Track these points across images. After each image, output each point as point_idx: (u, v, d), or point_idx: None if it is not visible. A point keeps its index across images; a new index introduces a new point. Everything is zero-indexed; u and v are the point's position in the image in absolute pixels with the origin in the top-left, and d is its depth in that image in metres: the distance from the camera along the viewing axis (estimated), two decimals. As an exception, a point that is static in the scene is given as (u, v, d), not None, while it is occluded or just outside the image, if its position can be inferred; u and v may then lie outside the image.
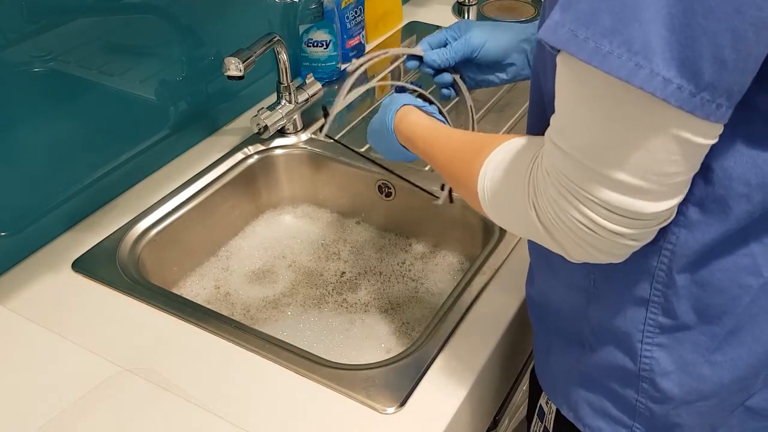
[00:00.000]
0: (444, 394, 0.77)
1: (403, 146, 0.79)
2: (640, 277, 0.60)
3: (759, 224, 0.56)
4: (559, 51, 0.48)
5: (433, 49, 0.86)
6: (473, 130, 0.88)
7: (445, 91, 0.89)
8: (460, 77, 0.87)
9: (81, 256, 0.97)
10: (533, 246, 0.71)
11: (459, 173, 0.66)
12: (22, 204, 0.94)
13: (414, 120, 0.77)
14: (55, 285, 0.93)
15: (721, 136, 0.49)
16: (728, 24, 0.43)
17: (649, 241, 0.54)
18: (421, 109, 0.78)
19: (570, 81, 0.49)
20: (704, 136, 0.47)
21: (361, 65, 0.89)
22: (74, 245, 0.98)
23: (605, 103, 0.47)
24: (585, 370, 0.68)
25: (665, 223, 0.53)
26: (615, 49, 0.44)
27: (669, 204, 0.50)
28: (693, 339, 0.60)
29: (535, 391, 0.83)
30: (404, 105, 0.79)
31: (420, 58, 0.87)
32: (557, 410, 0.75)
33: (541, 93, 0.62)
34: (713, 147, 0.49)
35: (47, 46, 0.91)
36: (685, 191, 0.51)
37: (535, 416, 0.83)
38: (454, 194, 0.95)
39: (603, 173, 0.49)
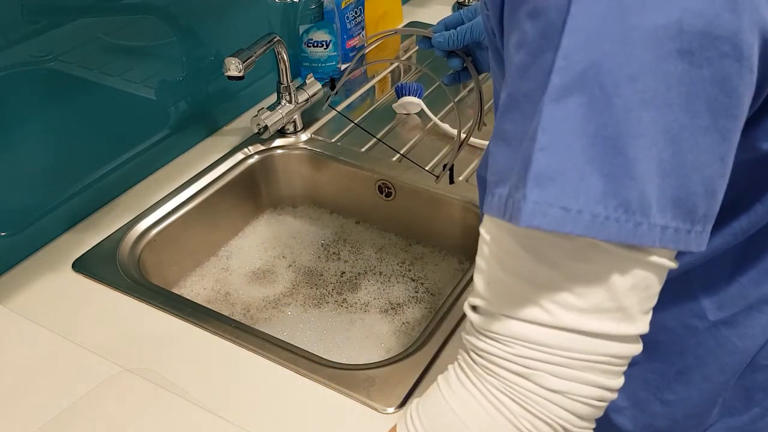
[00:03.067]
0: (444, 394, 0.77)
1: None
2: None
3: (702, 270, 0.56)
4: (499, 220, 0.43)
5: (447, 29, 0.84)
6: (480, 115, 0.87)
7: (446, 79, 0.87)
8: (472, 61, 0.84)
9: (81, 256, 0.97)
10: None
11: None
12: (22, 204, 0.94)
13: None
14: (55, 285, 0.93)
15: None
16: (716, 153, 0.41)
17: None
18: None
19: (516, 248, 0.44)
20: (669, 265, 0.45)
21: (375, 39, 0.89)
22: (74, 245, 0.98)
23: (564, 260, 0.43)
24: None
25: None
26: (612, 213, 0.40)
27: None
28: (643, 376, 0.61)
29: None
30: None
31: (429, 40, 0.85)
32: None
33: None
34: None
35: (47, 46, 0.91)
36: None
37: None
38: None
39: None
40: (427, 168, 1.08)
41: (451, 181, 0.94)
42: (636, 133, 0.39)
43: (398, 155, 1.15)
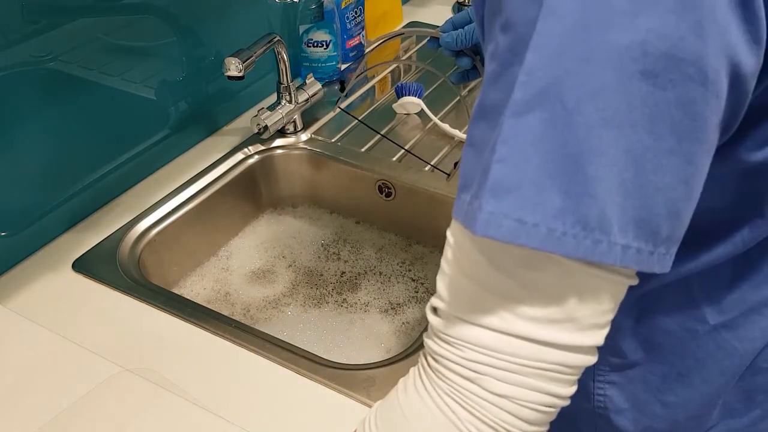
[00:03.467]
0: (444, 394, 0.77)
1: None
2: None
3: (701, 276, 0.56)
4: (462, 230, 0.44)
5: (455, 29, 0.83)
6: None
7: (454, 77, 0.86)
8: (481, 59, 0.84)
9: (81, 256, 0.97)
10: None
11: None
12: (22, 204, 0.94)
13: None
14: (55, 285, 0.93)
15: None
16: (680, 176, 0.40)
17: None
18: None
19: (475, 253, 0.45)
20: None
21: (381, 42, 0.89)
22: (74, 245, 0.98)
23: (518, 271, 0.43)
24: None
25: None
26: (569, 229, 0.39)
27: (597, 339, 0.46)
28: (643, 378, 0.61)
29: None
30: None
31: (438, 40, 0.84)
32: None
33: None
34: None
35: (47, 46, 0.91)
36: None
37: None
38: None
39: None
40: (432, 165, 1.07)
41: None
42: (597, 151, 0.38)
43: (402, 152, 1.15)
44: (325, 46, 1.30)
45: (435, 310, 0.49)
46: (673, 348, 0.59)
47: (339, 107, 1.18)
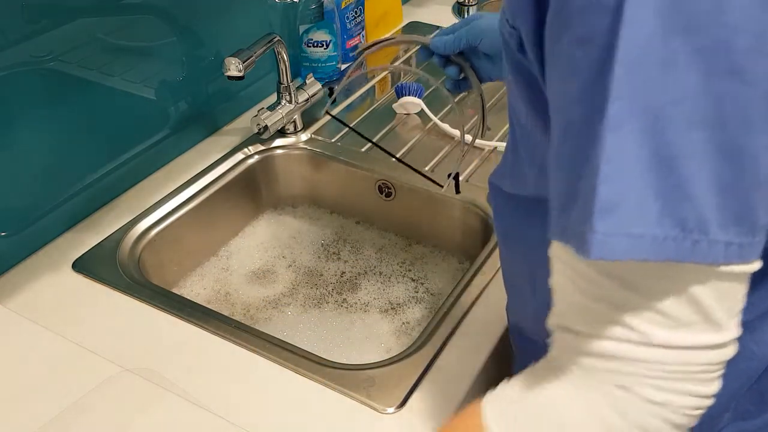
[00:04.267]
0: (444, 394, 0.77)
1: None
2: None
3: None
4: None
5: (445, 36, 0.84)
6: (483, 119, 0.87)
7: (448, 84, 0.87)
8: (471, 66, 0.85)
9: (81, 256, 0.97)
10: (506, 276, 0.71)
11: None
12: (22, 204, 0.94)
13: None
14: (55, 285, 0.93)
15: None
16: None
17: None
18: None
19: (593, 274, 0.45)
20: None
21: (371, 46, 0.89)
22: (74, 245, 0.98)
23: (639, 280, 0.44)
24: None
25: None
26: (669, 232, 0.40)
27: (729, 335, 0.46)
28: None
29: None
30: None
31: (428, 48, 0.85)
32: None
33: (515, 123, 0.60)
34: None
35: (47, 46, 0.91)
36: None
37: None
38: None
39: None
40: (427, 171, 1.06)
41: (457, 191, 0.92)
42: (688, 153, 0.39)
43: (402, 152, 1.15)
44: (325, 46, 1.30)
45: (562, 327, 0.50)
46: None
47: (329, 113, 1.17)
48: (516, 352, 0.77)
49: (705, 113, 0.39)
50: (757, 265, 0.44)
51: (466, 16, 1.62)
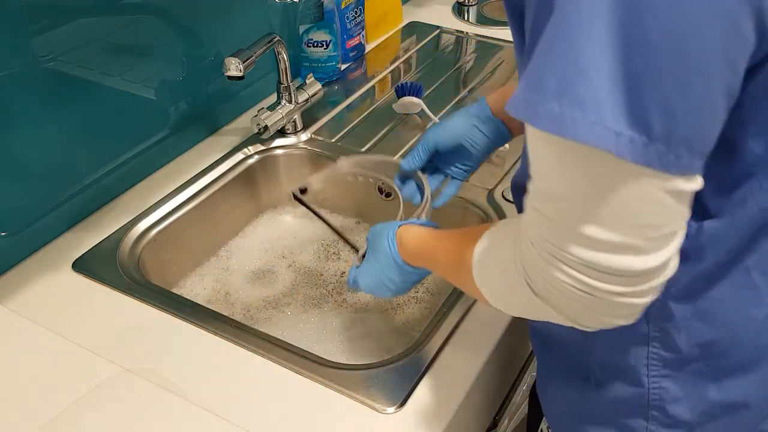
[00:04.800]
0: (444, 394, 0.77)
1: (410, 266, 0.76)
2: None
3: (759, 255, 0.56)
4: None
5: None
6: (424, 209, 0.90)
7: (414, 196, 0.92)
8: (427, 176, 0.91)
9: (81, 256, 0.97)
10: None
11: (458, 273, 0.65)
12: (22, 204, 0.94)
13: (414, 233, 0.76)
14: (55, 285, 0.93)
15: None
16: (673, 74, 0.41)
17: (656, 296, 0.51)
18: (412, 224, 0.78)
19: (535, 145, 0.49)
20: (677, 186, 0.45)
21: (348, 168, 0.95)
22: (74, 245, 0.98)
23: (570, 162, 0.46)
24: (589, 405, 0.68)
25: (669, 275, 0.50)
26: (566, 110, 0.42)
27: (661, 257, 0.47)
28: (699, 371, 0.60)
29: (536, 412, 0.82)
30: (397, 228, 0.77)
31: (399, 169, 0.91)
32: None
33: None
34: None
35: (47, 46, 0.91)
36: (679, 242, 0.49)
37: None
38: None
39: (581, 233, 0.47)
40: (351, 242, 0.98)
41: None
42: (587, 38, 0.42)
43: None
44: (325, 46, 1.30)
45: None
46: (729, 340, 0.59)
47: (297, 199, 1.01)
48: (537, 355, 0.77)
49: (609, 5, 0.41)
50: (691, 180, 0.45)
51: (466, 16, 1.62)
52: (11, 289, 0.92)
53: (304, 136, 1.21)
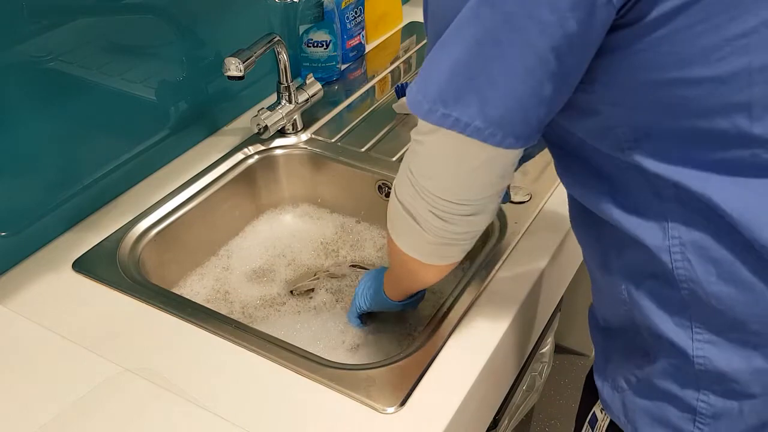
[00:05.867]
0: (444, 394, 0.77)
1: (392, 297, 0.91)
2: (662, 273, 0.61)
3: None
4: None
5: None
6: None
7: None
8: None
9: (81, 256, 0.97)
10: (590, 268, 0.75)
11: (390, 248, 0.79)
12: (22, 204, 0.94)
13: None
14: (55, 285, 0.93)
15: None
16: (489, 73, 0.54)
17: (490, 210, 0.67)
18: None
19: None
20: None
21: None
22: (74, 245, 0.98)
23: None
24: (644, 377, 0.69)
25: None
26: (421, 97, 0.59)
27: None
28: (741, 338, 0.61)
29: (588, 398, 0.83)
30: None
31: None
32: (611, 420, 0.75)
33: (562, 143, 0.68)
34: None
35: (47, 46, 0.91)
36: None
37: (586, 423, 0.82)
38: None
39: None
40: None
41: None
42: (447, 42, 0.56)
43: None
44: (325, 46, 1.30)
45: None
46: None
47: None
48: (595, 340, 0.79)
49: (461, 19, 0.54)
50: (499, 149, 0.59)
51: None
52: (11, 289, 0.92)
53: (304, 136, 1.21)
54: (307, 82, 1.20)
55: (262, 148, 1.19)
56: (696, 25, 0.51)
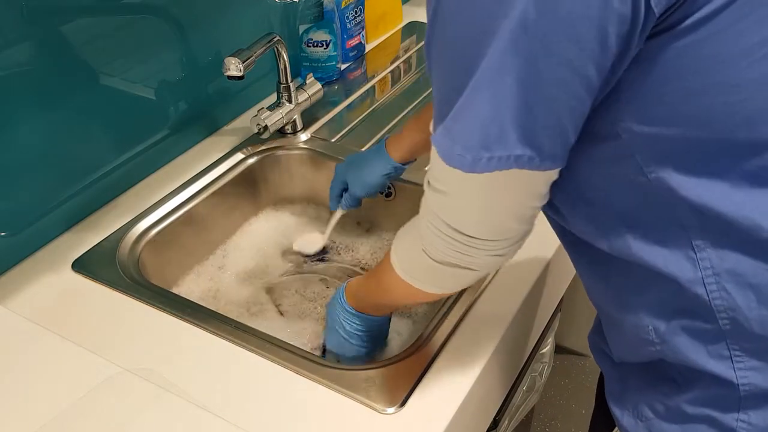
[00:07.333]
0: (444, 394, 0.77)
1: (356, 310, 0.86)
2: (696, 306, 0.58)
3: None
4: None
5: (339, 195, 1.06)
6: None
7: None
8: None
9: (81, 256, 0.97)
10: (598, 306, 0.73)
11: (384, 269, 0.77)
12: (22, 204, 0.94)
13: (356, 279, 0.88)
14: (55, 285, 0.93)
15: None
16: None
17: (513, 253, 0.69)
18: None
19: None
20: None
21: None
22: (74, 245, 0.98)
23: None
24: (674, 405, 0.66)
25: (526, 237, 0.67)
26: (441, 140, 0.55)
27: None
28: None
29: (602, 419, 0.82)
30: (345, 285, 0.88)
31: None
32: None
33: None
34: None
35: (47, 46, 0.91)
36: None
37: None
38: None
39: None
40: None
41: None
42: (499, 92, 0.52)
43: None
44: (325, 46, 1.30)
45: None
46: None
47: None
48: (606, 373, 0.77)
49: (512, 67, 0.49)
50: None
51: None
52: (11, 289, 0.92)
53: (304, 136, 1.21)
54: (307, 81, 1.20)
55: (262, 148, 1.19)
56: (739, 22, 0.48)
